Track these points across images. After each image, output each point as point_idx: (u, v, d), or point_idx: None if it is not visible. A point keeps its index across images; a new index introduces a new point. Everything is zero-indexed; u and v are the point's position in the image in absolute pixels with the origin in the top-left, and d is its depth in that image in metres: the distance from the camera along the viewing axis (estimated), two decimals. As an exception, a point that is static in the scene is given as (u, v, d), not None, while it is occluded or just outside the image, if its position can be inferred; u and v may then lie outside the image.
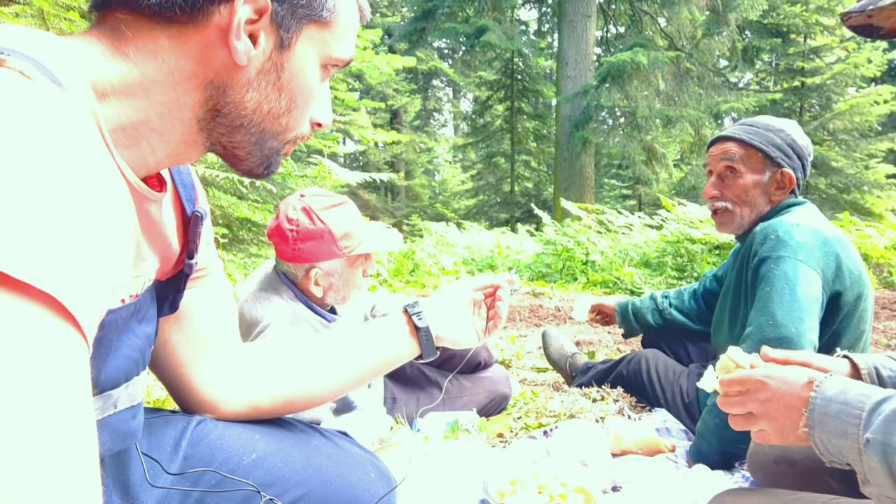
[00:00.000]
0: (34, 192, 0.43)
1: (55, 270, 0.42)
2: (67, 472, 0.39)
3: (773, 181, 1.83)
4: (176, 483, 0.89)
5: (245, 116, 0.73)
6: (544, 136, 16.69)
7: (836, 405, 0.84)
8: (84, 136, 0.52)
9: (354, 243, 1.70)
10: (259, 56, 0.70)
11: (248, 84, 0.71)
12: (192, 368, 0.96)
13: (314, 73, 0.76)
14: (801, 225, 1.67)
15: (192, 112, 0.71)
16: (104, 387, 0.75)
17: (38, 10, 2.91)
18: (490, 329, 1.20)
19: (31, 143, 0.45)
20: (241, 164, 0.79)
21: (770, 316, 1.60)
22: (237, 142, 0.75)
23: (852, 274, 1.68)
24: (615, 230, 7.56)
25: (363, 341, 1.10)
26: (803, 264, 1.61)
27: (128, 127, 0.67)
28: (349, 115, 5.55)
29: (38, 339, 0.40)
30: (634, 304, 2.39)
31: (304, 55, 0.74)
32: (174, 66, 0.68)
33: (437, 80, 20.41)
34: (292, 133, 0.79)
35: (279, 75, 0.73)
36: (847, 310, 1.69)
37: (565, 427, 1.84)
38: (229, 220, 4.56)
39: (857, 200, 12.85)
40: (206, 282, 0.96)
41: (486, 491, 1.43)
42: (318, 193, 1.75)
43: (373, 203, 16.21)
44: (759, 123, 1.88)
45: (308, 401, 1.06)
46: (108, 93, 0.65)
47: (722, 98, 12.79)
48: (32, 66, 0.53)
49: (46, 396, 0.39)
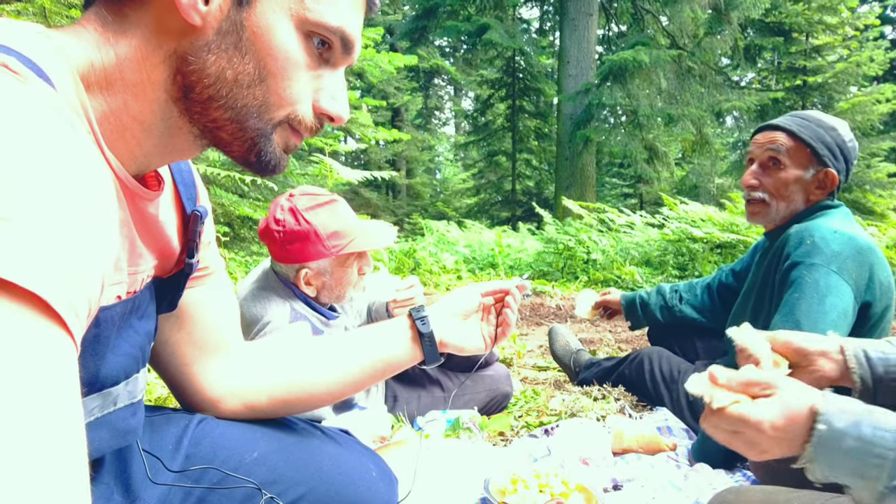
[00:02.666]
0: (14, 189, 0.42)
1: (39, 268, 0.41)
2: (53, 475, 0.38)
3: (815, 179, 1.77)
4: (177, 481, 0.89)
5: (210, 86, 0.66)
6: (546, 135, 16.68)
7: (850, 441, 0.77)
8: (67, 133, 0.50)
9: (343, 242, 1.69)
10: (215, 13, 0.64)
11: (206, 47, 0.65)
12: (193, 367, 0.96)
13: (285, 34, 0.67)
14: (838, 232, 1.62)
15: (164, 91, 0.67)
16: (104, 384, 0.75)
17: (39, 8, 2.91)
18: (499, 336, 1.17)
19: (11, 140, 0.44)
20: (230, 149, 0.72)
21: (794, 323, 1.55)
22: (215, 120, 0.69)
23: (882, 285, 1.63)
24: (616, 229, 7.55)
25: (364, 345, 1.09)
26: (836, 275, 1.56)
27: (110, 116, 0.65)
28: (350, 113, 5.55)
29: (22, 339, 0.39)
30: (642, 297, 2.34)
31: (268, 13, 0.66)
32: (140, 40, 0.64)
33: (438, 79, 20.39)
34: (278, 112, 0.70)
35: (240, 35, 0.65)
36: (874, 321, 1.65)
37: (566, 425, 1.84)
38: (230, 218, 4.56)
39: (860, 199, 12.82)
40: (208, 280, 0.96)
41: (486, 489, 1.43)
42: (307, 192, 1.74)
43: (374, 201, 16.22)
44: (811, 118, 1.80)
45: (306, 403, 1.05)
46: (92, 82, 0.63)
47: (724, 97, 12.77)
48: (17, 60, 0.52)
49: (31, 398, 0.38)
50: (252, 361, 1.02)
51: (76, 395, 0.43)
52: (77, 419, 0.42)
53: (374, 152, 17.55)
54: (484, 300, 1.18)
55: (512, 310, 1.16)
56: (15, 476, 0.35)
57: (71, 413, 0.41)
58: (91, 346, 0.70)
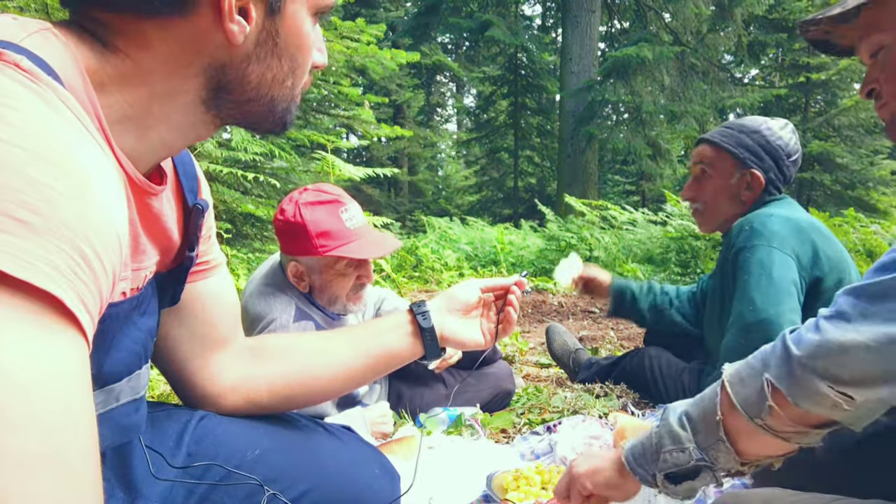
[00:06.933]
0: (29, 189, 0.43)
1: (52, 267, 0.42)
2: (69, 471, 0.38)
3: (741, 182, 1.88)
4: (180, 477, 0.89)
5: (252, 90, 0.72)
6: (548, 132, 16.63)
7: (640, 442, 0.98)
8: (80, 132, 0.51)
9: (332, 243, 1.66)
10: (253, 29, 0.68)
11: (247, 58, 0.69)
12: (193, 363, 0.96)
13: (308, 26, 0.74)
14: (774, 215, 1.74)
15: (195, 95, 0.69)
16: (106, 380, 0.75)
17: (41, 4, 2.91)
18: (500, 333, 1.17)
19: (27, 139, 0.45)
20: (257, 129, 0.80)
21: (749, 302, 1.65)
22: (248, 112, 0.74)
23: (830, 259, 1.72)
24: (619, 226, 7.53)
25: (365, 339, 1.08)
26: (777, 250, 1.67)
27: (133, 117, 0.66)
28: (353, 110, 5.53)
29: (37, 338, 0.40)
30: (633, 290, 2.28)
31: (295, 14, 0.71)
32: (168, 55, 0.66)
33: (440, 76, 20.36)
34: (299, 87, 0.77)
35: (276, 42, 0.70)
36: (829, 295, 1.69)
37: (569, 423, 1.84)
38: (233, 215, 4.56)
39: (862, 197, 12.79)
40: (207, 275, 0.95)
41: (489, 486, 1.43)
42: (320, 189, 1.73)
43: (376, 198, 16.20)
44: (735, 125, 1.93)
45: (308, 397, 1.05)
46: (106, 83, 0.63)
47: (727, 93, 12.72)
48: (27, 59, 0.52)
49: (47, 395, 0.39)
50: (253, 356, 1.02)
51: (89, 393, 0.44)
52: (90, 416, 0.43)
53: (376, 149, 17.54)
54: (484, 296, 1.18)
55: (514, 307, 1.16)
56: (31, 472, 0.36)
57: (85, 410, 0.42)
58: (94, 343, 0.70)
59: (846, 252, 1.80)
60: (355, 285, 1.76)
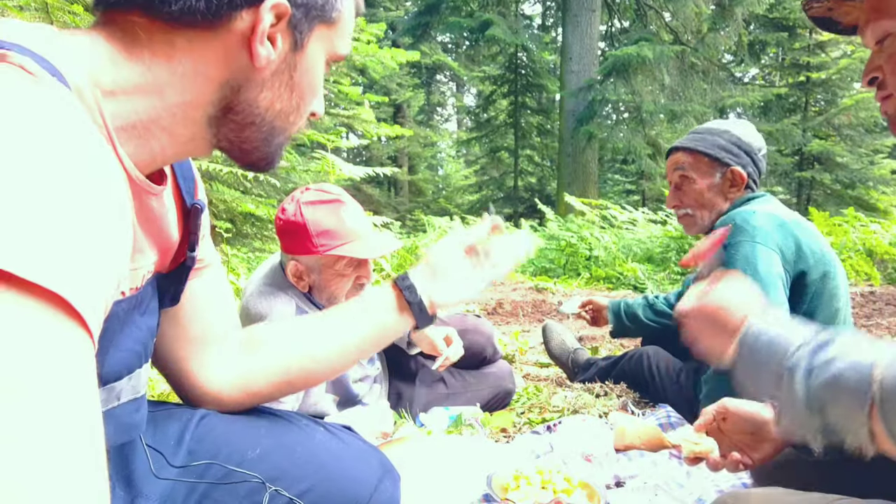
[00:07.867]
0: (36, 190, 0.43)
1: (60, 268, 0.42)
2: (75, 470, 0.39)
3: (725, 180, 1.93)
4: (180, 476, 0.89)
5: (257, 115, 0.75)
6: (548, 131, 16.62)
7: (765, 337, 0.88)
8: (85, 133, 0.51)
9: (332, 243, 1.65)
10: (275, 58, 0.72)
11: (262, 84, 0.73)
12: (191, 361, 0.96)
13: (321, 69, 0.78)
14: (756, 212, 1.77)
15: (204, 111, 0.72)
16: (107, 379, 0.75)
17: (42, 4, 2.91)
18: None
19: (32, 141, 0.45)
20: (246, 158, 0.80)
21: None
22: (245, 138, 0.76)
23: (814, 253, 1.75)
24: (619, 225, 7.55)
25: (356, 317, 1.07)
26: (761, 245, 1.70)
27: (138, 125, 0.67)
28: (353, 109, 5.53)
29: (44, 338, 0.40)
30: (626, 301, 2.41)
31: (314, 55, 0.76)
32: (190, 69, 0.68)
33: (440, 75, 20.36)
34: (297, 128, 0.80)
35: (291, 75, 0.74)
36: (815, 288, 1.76)
37: (569, 422, 1.84)
38: (233, 214, 4.56)
39: (862, 196, 12.80)
40: (204, 273, 0.96)
41: (489, 486, 1.43)
42: (322, 189, 1.74)
43: (376, 197, 16.20)
44: (703, 129, 2.00)
45: (306, 380, 1.06)
46: (116, 91, 0.65)
47: (727, 93, 12.73)
48: (34, 62, 0.52)
49: (54, 395, 0.39)
50: (249, 349, 1.02)
51: (95, 392, 0.44)
52: (96, 416, 0.44)
53: (376, 148, 17.52)
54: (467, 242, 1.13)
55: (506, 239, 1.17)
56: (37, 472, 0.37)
57: (91, 410, 0.43)
58: None
59: (829, 246, 1.84)
60: (355, 285, 1.76)
